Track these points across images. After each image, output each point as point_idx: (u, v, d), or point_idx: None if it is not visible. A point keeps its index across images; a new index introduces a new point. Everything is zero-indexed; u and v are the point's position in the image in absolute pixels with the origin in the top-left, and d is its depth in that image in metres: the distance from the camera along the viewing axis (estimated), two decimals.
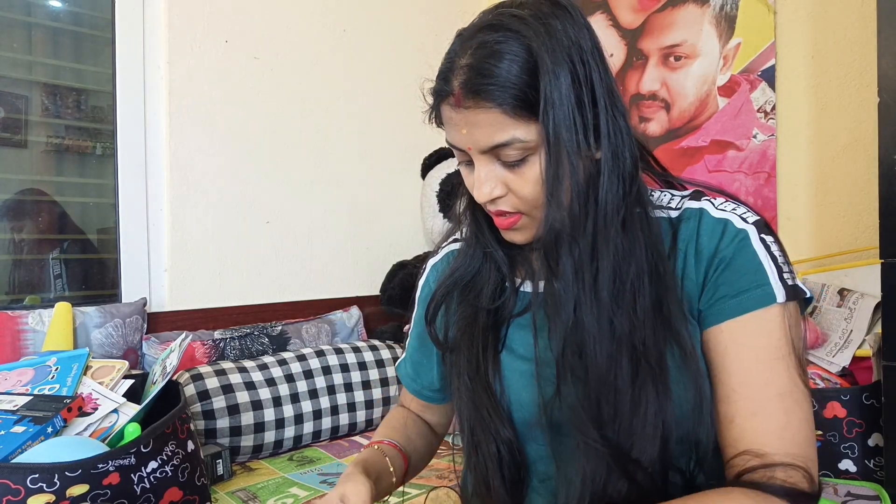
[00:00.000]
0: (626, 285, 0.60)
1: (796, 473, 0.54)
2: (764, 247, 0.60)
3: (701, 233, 0.62)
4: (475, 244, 0.72)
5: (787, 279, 0.59)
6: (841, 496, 1.21)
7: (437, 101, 0.63)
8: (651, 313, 0.60)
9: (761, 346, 0.58)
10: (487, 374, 0.68)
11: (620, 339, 0.59)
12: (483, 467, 0.68)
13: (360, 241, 2.17)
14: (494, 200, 0.63)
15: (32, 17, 1.71)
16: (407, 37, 2.26)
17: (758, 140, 1.75)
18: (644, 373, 0.59)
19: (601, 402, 0.60)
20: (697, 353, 0.61)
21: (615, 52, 2.08)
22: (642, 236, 0.61)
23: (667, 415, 0.58)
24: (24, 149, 1.70)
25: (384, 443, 0.77)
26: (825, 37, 1.64)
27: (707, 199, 0.65)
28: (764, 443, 0.56)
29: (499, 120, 0.58)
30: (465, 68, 0.58)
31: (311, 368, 1.73)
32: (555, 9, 0.59)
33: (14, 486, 0.91)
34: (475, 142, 0.60)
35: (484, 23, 0.60)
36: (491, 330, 0.70)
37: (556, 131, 0.57)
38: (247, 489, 1.36)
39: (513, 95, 0.57)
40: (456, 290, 0.73)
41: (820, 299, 1.49)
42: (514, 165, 0.60)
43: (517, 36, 0.57)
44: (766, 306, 0.58)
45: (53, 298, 1.68)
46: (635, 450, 0.58)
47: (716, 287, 0.61)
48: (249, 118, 1.91)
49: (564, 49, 0.57)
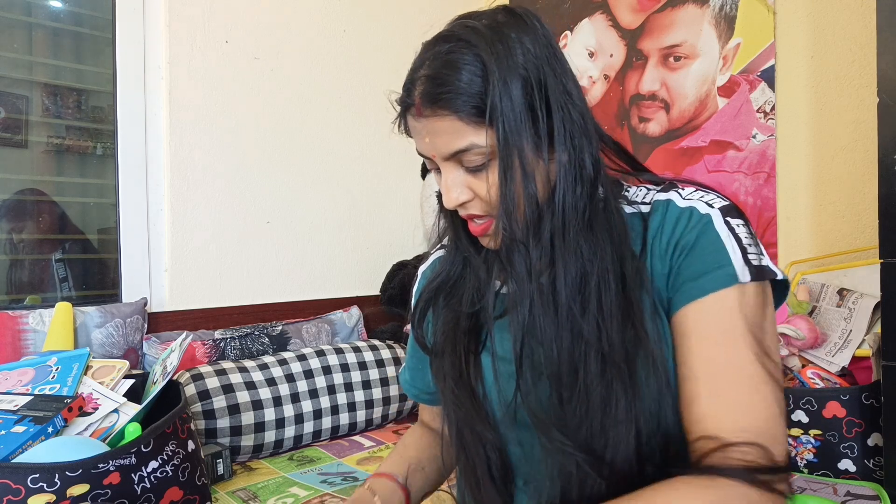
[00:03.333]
0: (591, 286, 0.61)
1: (754, 451, 0.53)
2: (728, 228, 0.60)
3: (666, 224, 0.63)
4: (455, 250, 0.73)
5: (752, 260, 0.59)
6: (840, 496, 1.21)
7: (402, 111, 0.65)
8: (618, 313, 0.60)
9: (721, 325, 0.58)
10: (470, 377, 0.69)
11: (588, 339, 0.60)
12: (472, 469, 0.69)
13: (360, 241, 2.17)
14: (464, 205, 0.64)
15: (33, 17, 1.72)
16: (407, 37, 2.26)
17: (757, 140, 1.75)
18: (612, 372, 0.59)
19: (565, 403, 0.60)
20: (665, 349, 0.61)
21: (615, 53, 2.08)
22: (609, 237, 0.62)
23: (638, 411, 0.59)
24: (24, 149, 1.70)
25: (387, 477, 0.78)
26: (825, 37, 1.64)
27: (675, 190, 0.65)
28: (720, 422, 0.56)
29: (456, 127, 0.60)
30: (424, 79, 0.61)
31: (312, 368, 1.73)
32: (510, 17, 0.62)
33: (14, 485, 0.91)
34: (437, 149, 0.62)
35: (441, 34, 0.63)
36: (472, 334, 0.71)
37: (505, 137, 0.58)
38: (247, 489, 1.36)
39: (467, 103, 0.59)
40: (440, 295, 0.74)
41: (820, 299, 1.49)
42: (477, 170, 0.62)
43: (468, 45, 0.59)
44: (726, 287, 0.58)
45: (60, 300, 1.68)
46: (609, 449, 0.59)
47: (679, 272, 0.61)
48: (249, 118, 1.91)
49: (516, 57, 0.59)
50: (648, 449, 0.61)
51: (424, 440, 0.85)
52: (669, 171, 1.94)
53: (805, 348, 1.42)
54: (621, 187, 0.69)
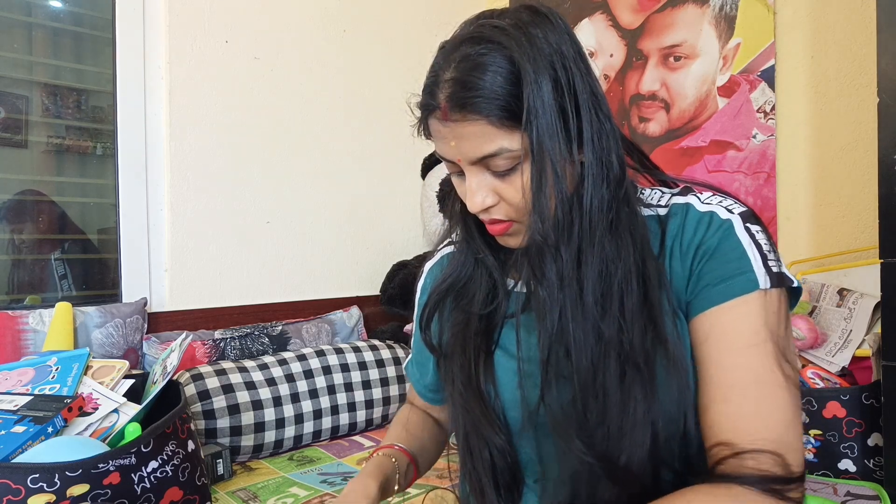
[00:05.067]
0: (614, 287, 0.60)
1: (767, 459, 0.54)
2: (749, 235, 0.60)
3: (686, 227, 0.63)
4: (466, 250, 0.73)
5: (772, 266, 0.59)
6: (840, 496, 1.21)
7: (424, 115, 0.64)
8: (639, 314, 0.60)
9: (740, 332, 0.58)
10: (479, 380, 0.68)
11: (609, 341, 0.59)
12: (477, 474, 0.69)
13: (360, 241, 2.17)
14: (487, 209, 0.63)
15: (33, 17, 1.71)
16: (407, 37, 2.26)
17: (757, 140, 1.75)
18: (631, 374, 0.59)
19: (587, 407, 0.60)
20: (684, 351, 0.61)
21: (615, 53, 2.08)
22: (630, 238, 0.62)
23: (655, 414, 0.58)
24: (24, 149, 1.70)
25: (395, 448, 0.77)
26: (825, 37, 1.64)
27: (694, 195, 0.65)
28: (735, 428, 0.56)
29: (486, 131, 0.58)
30: (451, 82, 0.59)
31: (312, 368, 1.73)
32: (535, 17, 0.60)
33: (14, 485, 0.91)
34: (464, 153, 0.61)
35: (466, 35, 0.60)
36: (483, 335, 0.70)
37: (539, 140, 0.57)
38: (247, 489, 1.36)
39: (498, 106, 0.57)
40: (449, 296, 0.73)
41: (820, 299, 1.49)
42: (505, 174, 0.61)
43: (499, 47, 0.58)
44: (748, 293, 0.58)
45: (60, 299, 1.67)
46: (624, 452, 0.58)
47: (700, 276, 0.61)
48: (249, 118, 1.91)
49: (546, 57, 0.58)
50: (666, 451, 0.60)
51: (421, 420, 0.85)
52: (670, 171, 1.94)
53: (805, 348, 1.42)
54: (636, 189, 0.68)
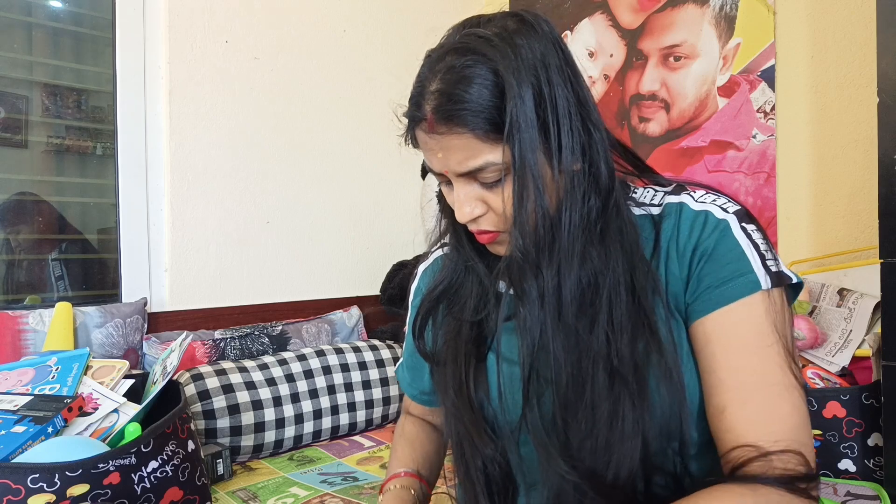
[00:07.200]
0: (602, 298, 0.60)
1: (793, 458, 0.54)
2: (745, 235, 0.60)
3: (681, 228, 0.62)
4: (456, 257, 0.72)
5: (770, 266, 0.59)
6: (840, 496, 1.21)
7: (410, 126, 0.63)
8: (629, 323, 0.59)
9: (747, 334, 0.58)
10: (470, 388, 0.68)
11: (597, 354, 0.59)
12: (471, 482, 0.69)
13: (360, 241, 2.17)
14: (476, 220, 0.63)
15: (32, 17, 1.71)
16: (406, 37, 2.26)
17: (757, 140, 1.75)
18: (620, 386, 0.58)
19: (568, 425, 0.60)
20: (679, 356, 0.60)
21: (615, 53, 2.08)
22: (620, 247, 0.61)
23: (646, 424, 0.58)
24: (24, 149, 1.70)
25: (408, 475, 0.78)
26: (825, 37, 1.64)
27: (687, 193, 0.65)
28: (755, 431, 0.56)
29: (472, 144, 0.58)
30: (436, 94, 0.58)
31: (312, 368, 1.73)
32: (520, 25, 0.59)
33: (14, 485, 0.91)
34: (451, 166, 0.61)
35: (451, 45, 0.60)
36: (474, 342, 0.70)
37: (522, 154, 0.57)
38: (247, 489, 1.36)
39: (484, 119, 0.57)
40: (441, 303, 0.73)
41: (820, 299, 1.49)
42: (492, 185, 0.61)
43: (484, 59, 0.57)
44: (750, 294, 0.58)
45: (56, 299, 1.68)
46: (612, 466, 0.58)
47: (699, 279, 0.60)
48: (249, 118, 1.91)
49: (529, 68, 0.57)
50: (660, 458, 0.60)
51: (423, 433, 0.85)
52: (670, 171, 1.94)
53: (805, 348, 1.42)
54: (628, 189, 0.68)
